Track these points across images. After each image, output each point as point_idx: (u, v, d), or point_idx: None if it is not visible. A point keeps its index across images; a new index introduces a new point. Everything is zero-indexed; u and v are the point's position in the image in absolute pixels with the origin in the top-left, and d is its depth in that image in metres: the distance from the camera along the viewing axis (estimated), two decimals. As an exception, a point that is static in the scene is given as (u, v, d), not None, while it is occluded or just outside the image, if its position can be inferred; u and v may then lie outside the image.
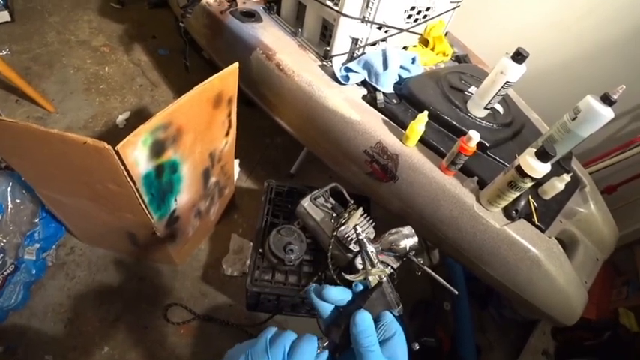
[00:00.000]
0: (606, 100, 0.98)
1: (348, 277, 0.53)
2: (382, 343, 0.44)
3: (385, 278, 0.50)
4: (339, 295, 0.48)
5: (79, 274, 1.44)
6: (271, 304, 1.29)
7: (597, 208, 1.29)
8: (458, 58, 1.54)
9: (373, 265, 0.53)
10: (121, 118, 1.96)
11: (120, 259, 1.50)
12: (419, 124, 1.05)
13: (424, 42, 1.49)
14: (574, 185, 1.27)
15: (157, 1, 2.59)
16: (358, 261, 0.56)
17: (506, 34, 1.83)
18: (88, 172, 0.95)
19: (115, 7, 2.61)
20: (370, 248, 0.54)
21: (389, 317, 0.47)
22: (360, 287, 0.51)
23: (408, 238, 0.58)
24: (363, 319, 0.44)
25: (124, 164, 0.86)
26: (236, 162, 1.74)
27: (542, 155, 0.88)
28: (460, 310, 1.60)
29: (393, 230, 0.59)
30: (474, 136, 0.96)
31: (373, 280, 0.50)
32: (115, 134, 1.87)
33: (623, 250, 1.70)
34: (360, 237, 0.55)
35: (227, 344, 1.38)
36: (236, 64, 1.05)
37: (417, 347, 0.50)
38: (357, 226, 0.60)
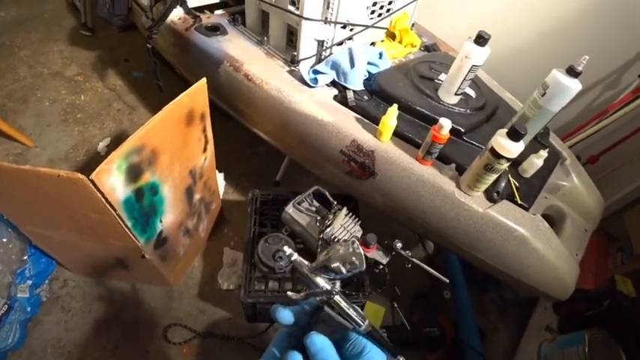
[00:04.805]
0: (572, 72, 0.98)
1: (290, 294, 0.48)
2: None
3: (335, 297, 0.45)
4: (283, 317, 0.46)
5: (75, 306, 1.43)
6: (269, 313, 1.29)
7: (580, 180, 1.30)
8: (427, 48, 1.55)
9: (316, 286, 0.47)
10: (101, 145, 1.95)
11: (114, 286, 1.49)
12: (390, 117, 1.05)
13: (391, 36, 1.50)
14: (554, 160, 1.28)
15: (126, 24, 2.57)
16: (316, 280, 0.49)
17: (473, 19, 1.84)
18: (67, 204, 0.95)
19: (85, 35, 2.60)
20: (305, 271, 0.48)
21: (353, 335, 0.45)
22: (307, 308, 0.47)
23: (343, 258, 0.49)
24: (313, 343, 0.42)
25: (101, 192, 0.86)
26: (220, 176, 1.74)
27: (514, 134, 0.88)
28: (460, 297, 1.60)
29: (331, 247, 0.51)
30: (445, 124, 0.96)
31: (322, 300, 0.46)
32: (97, 162, 1.83)
33: (614, 217, 1.72)
34: (293, 258, 0.48)
35: (230, 358, 1.38)
36: (204, 80, 1.05)
37: None
38: (287, 247, 0.51)
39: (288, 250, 0.49)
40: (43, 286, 1.43)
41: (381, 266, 1.08)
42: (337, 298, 0.45)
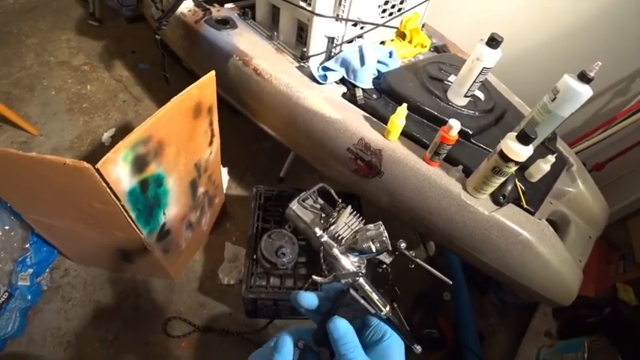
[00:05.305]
0: (584, 78, 0.98)
1: (316, 279, 0.49)
2: (370, 347, 0.43)
3: (360, 280, 0.46)
4: (307, 301, 0.46)
5: (75, 295, 1.43)
6: (270, 310, 1.29)
7: (586, 186, 1.29)
8: (436, 49, 1.54)
9: (342, 268, 0.49)
10: (106, 136, 1.95)
11: (115, 277, 1.49)
12: (399, 117, 1.05)
13: (401, 35, 1.49)
14: (560, 165, 1.27)
15: (134, 15, 2.57)
16: (343, 262, 0.51)
17: (484, 21, 1.83)
18: (71, 192, 0.95)
19: (93, 25, 2.60)
20: (335, 251, 0.49)
21: (374, 320, 0.45)
22: (331, 291, 0.48)
23: (372, 238, 0.52)
24: (337, 327, 0.42)
25: (106, 182, 0.86)
26: (224, 170, 1.73)
27: (524, 138, 0.88)
28: (460, 299, 1.60)
29: (360, 229, 0.54)
30: (455, 125, 0.96)
31: (347, 283, 0.47)
32: (101, 152, 1.83)
33: (617, 225, 1.71)
34: (323, 239, 0.50)
35: (229, 354, 1.38)
36: (212, 73, 1.05)
37: (420, 349, 0.46)
38: (317, 229, 0.53)
39: (318, 231, 0.51)
40: (44, 274, 1.43)
41: (385, 266, 1.08)
42: (362, 281, 0.45)
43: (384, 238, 0.50)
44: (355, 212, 1.18)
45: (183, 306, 1.46)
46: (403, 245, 1.06)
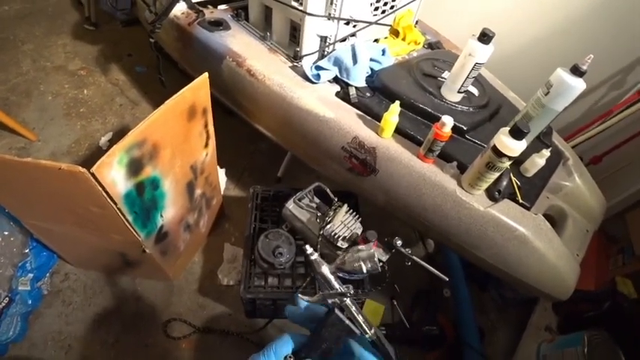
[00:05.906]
0: (576, 71, 0.98)
1: (303, 298, 0.48)
2: None
3: (347, 300, 0.45)
4: (295, 315, 0.47)
5: (76, 299, 1.44)
6: (268, 309, 1.29)
7: (582, 180, 1.29)
8: (430, 45, 1.54)
9: (331, 288, 0.48)
10: (103, 140, 1.96)
11: (115, 280, 1.49)
12: (392, 114, 1.05)
13: (395, 33, 1.49)
14: (556, 160, 1.27)
15: (129, 19, 2.57)
16: (332, 281, 0.50)
17: (477, 17, 1.83)
18: (68, 197, 0.95)
19: (89, 29, 2.60)
20: (325, 270, 0.49)
21: (359, 350, 0.44)
22: (317, 312, 0.47)
23: (364, 259, 0.51)
24: None
25: (102, 186, 0.86)
26: (222, 171, 1.74)
27: (516, 133, 0.88)
28: (460, 296, 1.60)
29: (353, 249, 0.53)
30: (448, 121, 0.96)
31: (334, 303, 0.46)
32: (99, 157, 1.84)
33: (615, 218, 1.71)
34: (313, 257, 0.49)
35: (229, 354, 1.38)
36: (206, 75, 1.05)
37: None
38: (308, 246, 0.52)
39: (309, 249, 0.51)
40: (44, 279, 1.43)
41: (381, 263, 1.08)
42: (349, 302, 0.45)
43: (376, 259, 0.50)
44: (352, 211, 1.18)
45: (183, 307, 1.47)
46: (399, 243, 1.07)
